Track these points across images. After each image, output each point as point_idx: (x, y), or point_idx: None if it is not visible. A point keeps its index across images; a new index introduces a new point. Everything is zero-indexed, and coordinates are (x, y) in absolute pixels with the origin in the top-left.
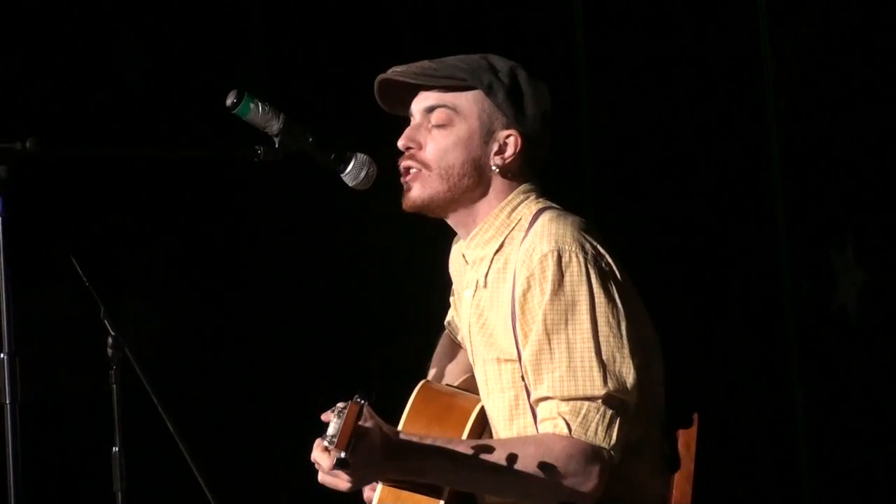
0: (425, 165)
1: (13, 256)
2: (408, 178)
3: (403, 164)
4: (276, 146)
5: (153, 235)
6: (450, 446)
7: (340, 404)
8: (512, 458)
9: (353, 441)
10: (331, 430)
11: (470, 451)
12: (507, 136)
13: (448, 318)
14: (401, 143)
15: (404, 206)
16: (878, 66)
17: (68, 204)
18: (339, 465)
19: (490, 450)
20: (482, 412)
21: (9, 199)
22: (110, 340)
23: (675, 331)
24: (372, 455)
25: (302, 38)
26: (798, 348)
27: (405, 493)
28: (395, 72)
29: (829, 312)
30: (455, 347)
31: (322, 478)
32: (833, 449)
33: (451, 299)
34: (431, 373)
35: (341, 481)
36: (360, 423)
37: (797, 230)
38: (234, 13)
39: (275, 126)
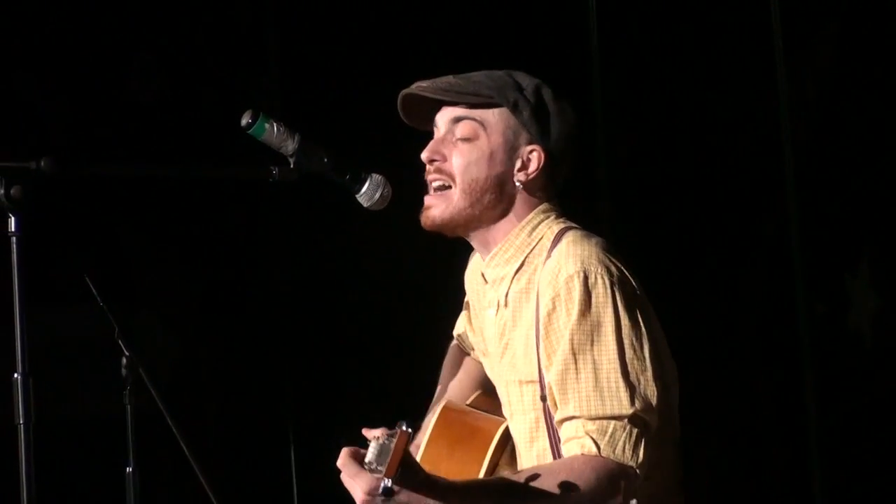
0: (451, 177)
1: (28, 276)
2: (433, 195)
3: (430, 177)
4: (292, 166)
5: (167, 255)
6: (480, 483)
7: (379, 432)
8: (543, 488)
9: (401, 470)
10: (371, 457)
11: (499, 488)
12: (531, 152)
13: (458, 329)
14: (425, 155)
15: (423, 224)
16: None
17: (83, 224)
18: (385, 493)
19: (521, 484)
20: (505, 435)
21: (24, 219)
22: (124, 361)
23: (690, 351)
24: (409, 489)
25: (317, 59)
26: (812, 370)
27: None
28: (420, 87)
29: (844, 335)
30: (464, 359)
31: (345, 480)
32: (847, 470)
33: (464, 312)
34: (441, 387)
35: (358, 493)
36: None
37: (812, 253)
38: (250, 33)
39: (290, 146)
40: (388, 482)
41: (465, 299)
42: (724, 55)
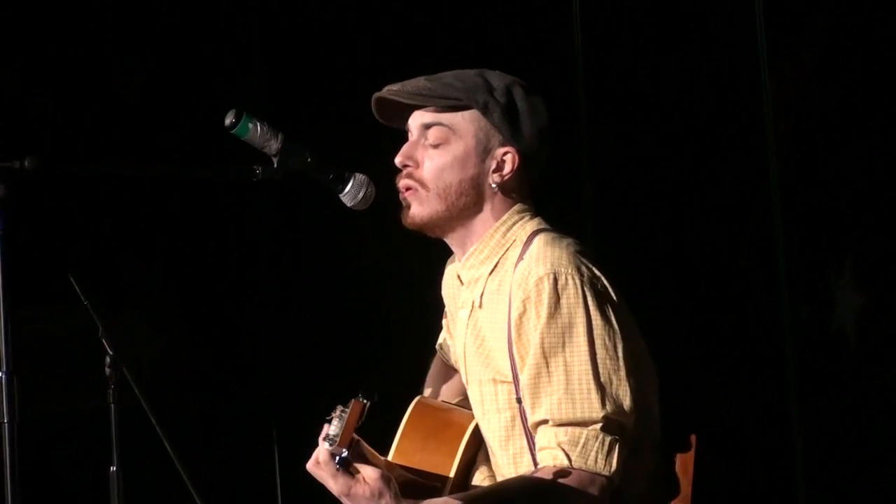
0: (423, 185)
1: (11, 275)
2: (407, 194)
3: (402, 182)
4: (275, 166)
5: (151, 254)
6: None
7: (340, 407)
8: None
9: (356, 441)
10: (332, 430)
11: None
12: (505, 154)
13: (440, 340)
14: (398, 161)
15: (405, 223)
16: (879, 89)
17: (67, 222)
18: (341, 464)
19: (490, 498)
20: (478, 428)
21: (7, 218)
22: (108, 359)
23: (673, 352)
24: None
25: (301, 58)
26: (796, 370)
27: None
28: (391, 91)
29: (828, 335)
30: (448, 370)
31: (312, 468)
32: (831, 471)
33: (444, 321)
34: (426, 393)
35: (330, 481)
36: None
37: (795, 252)
38: (234, 33)
39: (273, 146)
40: (344, 452)
41: (445, 309)
42: (709, 52)
